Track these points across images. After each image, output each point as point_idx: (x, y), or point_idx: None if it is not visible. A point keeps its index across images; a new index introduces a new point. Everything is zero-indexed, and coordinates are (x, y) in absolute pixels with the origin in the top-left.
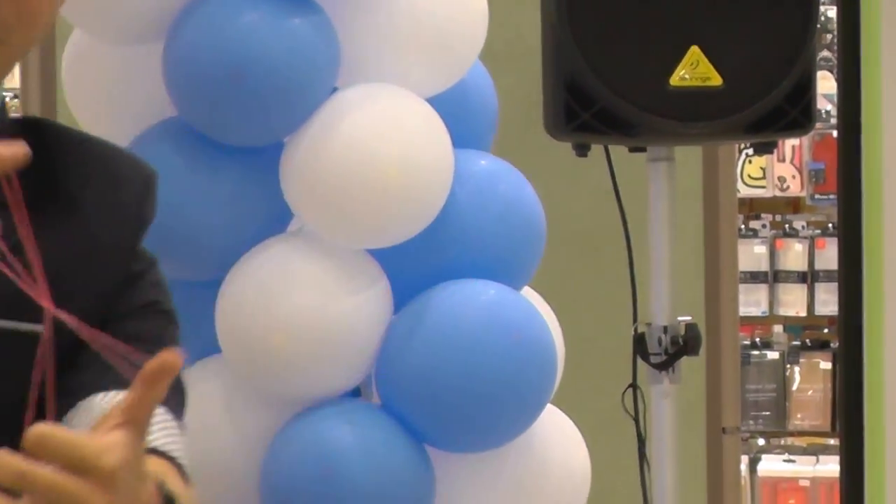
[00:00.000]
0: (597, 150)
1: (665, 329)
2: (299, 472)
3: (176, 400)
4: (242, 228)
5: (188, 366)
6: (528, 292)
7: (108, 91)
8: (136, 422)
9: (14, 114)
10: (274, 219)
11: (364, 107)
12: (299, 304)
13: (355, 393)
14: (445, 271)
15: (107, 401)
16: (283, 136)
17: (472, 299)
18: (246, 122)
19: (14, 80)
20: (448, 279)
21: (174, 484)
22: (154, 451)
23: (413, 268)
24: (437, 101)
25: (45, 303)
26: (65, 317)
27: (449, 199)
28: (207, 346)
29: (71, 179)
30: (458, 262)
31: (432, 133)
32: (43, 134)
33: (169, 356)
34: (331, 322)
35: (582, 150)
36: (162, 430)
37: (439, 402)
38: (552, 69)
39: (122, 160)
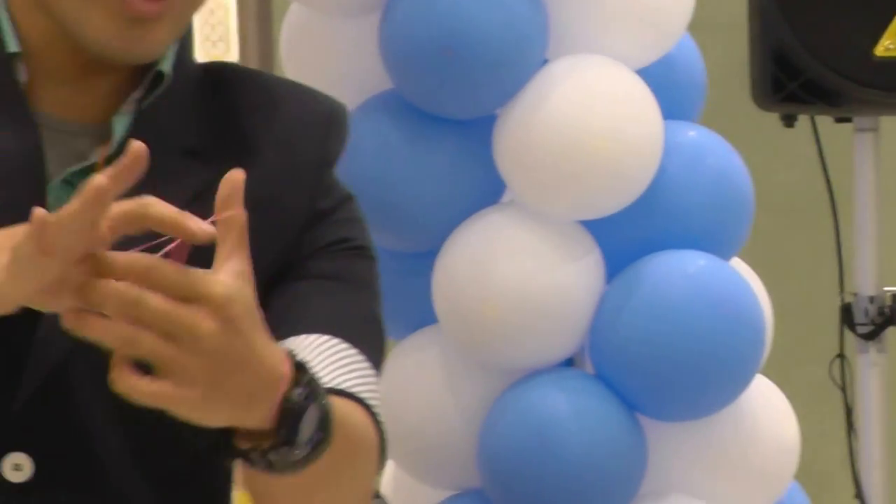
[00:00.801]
0: (803, 120)
1: (871, 299)
2: (515, 440)
3: (373, 347)
4: (457, 200)
5: (403, 336)
6: (736, 263)
7: (326, 64)
8: (239, 251)
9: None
10: (488, 190)
11: (574, 79)
12: (514, 274)
13: (569, 363)
14: (655, 242)
15: (315, 342)
16: (496, 108)
17: (681, 270)
18: (458, 95)
19: (232, 54)
20: (658, 250)
21: (357, 418)
22: (343, 393)
23: (624, 239)
24: (645, 73)
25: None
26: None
27: (658, 171)
28: (425, 316)
29: (251, 122)
30: (667, 233)
31: (642, 104)
32: (226, 78)
33: (233, 174)
34: (545, 292)
35: (789, 121)
36: (355, 373)
37: (651, 372)
38: (759, 40)
39: (304, 98)
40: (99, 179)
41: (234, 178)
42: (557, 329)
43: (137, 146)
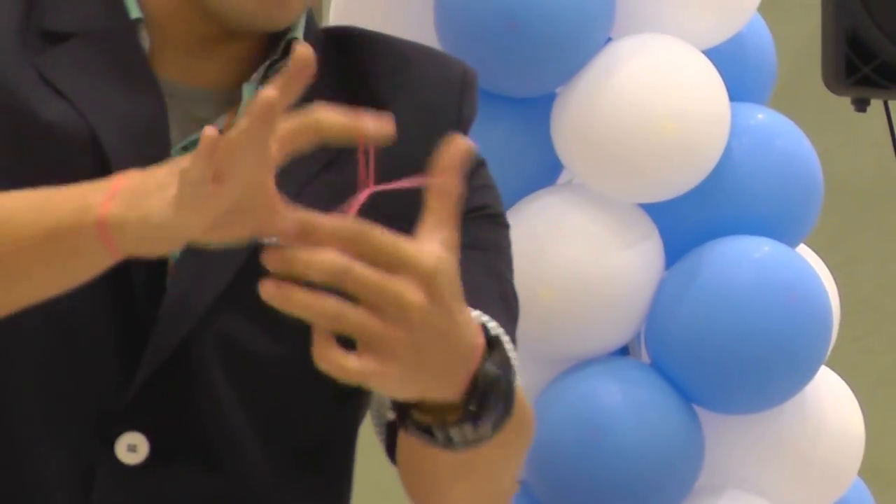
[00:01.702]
0: (876, 104)
1: None
2: (566, 429)
3: (511, 320)
4: (512, 180)
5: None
6: (802, 250)
7: None
8: (448, 221)
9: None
10: (544, 171)
11: (638, 58)
12: (569, 258)
13: (623, 351)
14: (719, 227)
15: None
16: (556, 86)
17: (745, 257)
18: (518, 72)
19: None
20: (721, 235)
21: (521, 394)
22: None
23: (685, 223)
24: (713, 53)
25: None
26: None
27: (724, 154)
28: None
29: (385, 85)
30: (732, 217)
31: (708, 86)
32: (354, 41)
33: (456, 142)
34: (602, 277)
35: (861, 105)
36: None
37: (710, 362)
38: (832, 22)
39: (437, 61)
40: (268, 92)
41: (461, 147)
42: (613, 316)
43: (303, 49)
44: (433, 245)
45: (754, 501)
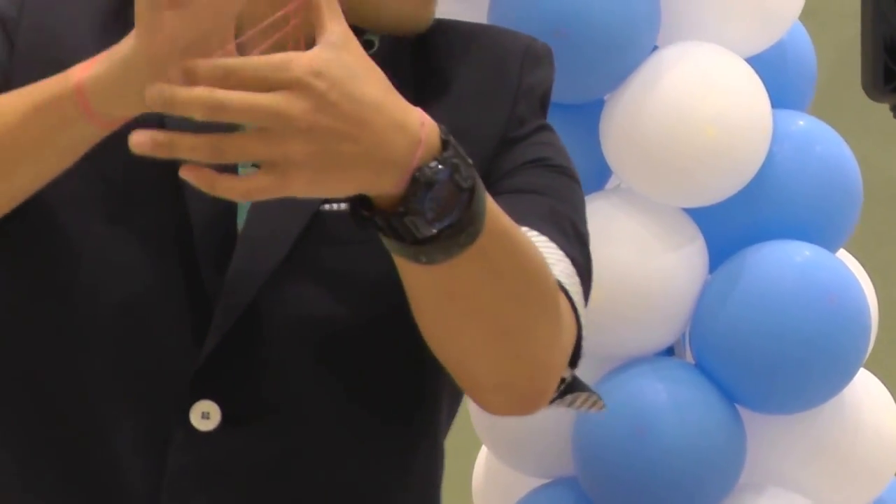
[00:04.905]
0: None
1: None
2: (611, 428)
3: (581, 254)
4: None
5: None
6: (842, 255)
7: None
8: (329, 18)
9: None
10: (593, 175)
11: (683, 66)
12: (616, 260)
13: (669, 352)
14: (761, 232)
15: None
16: (604, 93)
17: (786, 261)
18: (566, 78)
19: None
20: (763, 240)
21: (547, 270)
22: None
23: (728, 227)
24: (755, 61)
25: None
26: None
27: (766, 160)
28: None
29: (447, 61)
30: (773, 222)
31: (751, 93)
32: (428, 32)
33: None
34: (648, 279)
35: None
36: (557, 266)
37: (752, 363)
38: (871, 30)
39: (500, 33)
40: None
41: None
42: (658, 317)
43: None
44: (311, 51)
45: (794, 499)
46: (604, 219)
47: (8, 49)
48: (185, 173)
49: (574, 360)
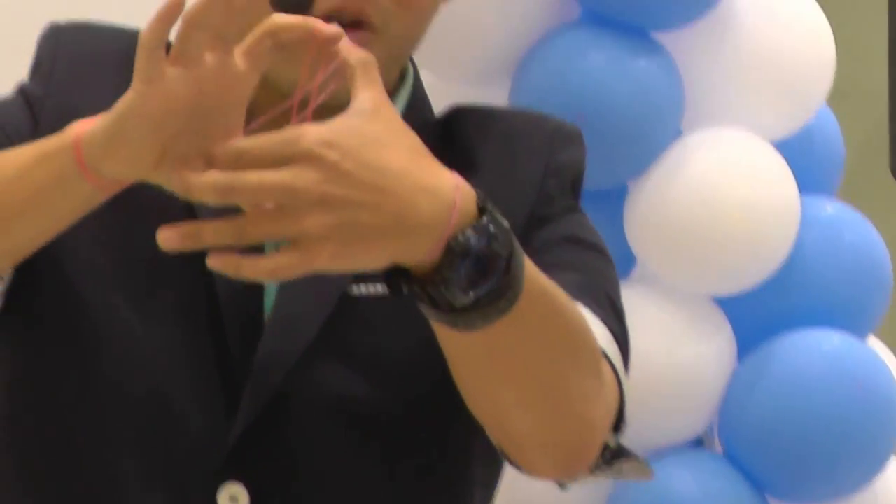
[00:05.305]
0: None
1: None
2: None
3: (617, 323)
4: None
5: None
6: (872, 341)
7: None
8: (367, 83)
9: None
10: (617, 263)
11: (709, 151)
12: (643, 351)
13: (698, 442)
14: (789, 319)
15: None
16: (628, 179)
17: (815, 349)
18: (589, 164)
19: None
20: (792, 327)
21: (591, 335)
22: None
23: (757, 315)
24: (783, 145)
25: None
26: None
27: (794, 246)
28: None
29: (474, 142)
30: (802, 310)
31: (778, 178)
32: (458, 118)
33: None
34: (676, 369)
35: None
36: (597, 330)
37: (782, 453)
38: None
39: (530, 116)
40: None
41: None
42: (686, 407)
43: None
44: (327, 122)
45: None
46: (630, 308)
47: (31, 127)
48: (212, 263)
49: (618, 425)
